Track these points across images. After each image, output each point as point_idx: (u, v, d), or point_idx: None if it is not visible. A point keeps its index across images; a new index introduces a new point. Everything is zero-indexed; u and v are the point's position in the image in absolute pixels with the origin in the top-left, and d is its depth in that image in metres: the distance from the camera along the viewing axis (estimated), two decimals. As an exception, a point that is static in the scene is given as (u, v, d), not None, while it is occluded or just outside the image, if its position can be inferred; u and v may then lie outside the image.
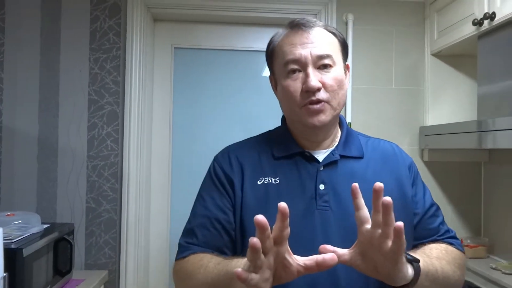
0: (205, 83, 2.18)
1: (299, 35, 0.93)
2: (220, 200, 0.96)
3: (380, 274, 0.73)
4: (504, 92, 1.58)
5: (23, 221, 1.52)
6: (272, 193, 0.93)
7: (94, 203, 1.93)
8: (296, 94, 0.92)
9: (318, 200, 0.91)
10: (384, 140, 1.08)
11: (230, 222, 0.94)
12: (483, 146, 1.55)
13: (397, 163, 1.01)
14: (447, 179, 2.13)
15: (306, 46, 0.92)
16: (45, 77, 1.94)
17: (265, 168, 0.97)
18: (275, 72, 1.00)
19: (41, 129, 1.93)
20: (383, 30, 2.12)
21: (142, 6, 2.00)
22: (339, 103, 0.94)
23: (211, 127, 2.16)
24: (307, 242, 0.85)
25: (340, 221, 0.89)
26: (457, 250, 1.00)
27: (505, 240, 1.96)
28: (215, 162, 1.03)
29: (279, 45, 0.97)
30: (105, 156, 1.95)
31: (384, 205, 0.68)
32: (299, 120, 0.95)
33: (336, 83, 0.92)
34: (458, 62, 2.07)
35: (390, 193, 0.92)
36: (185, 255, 0.93)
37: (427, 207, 1.01)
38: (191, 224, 0.98)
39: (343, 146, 0.99)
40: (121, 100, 1.96)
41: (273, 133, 1.07)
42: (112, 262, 1.93)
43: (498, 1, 1.56)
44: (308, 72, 0.91)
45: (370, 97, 2.11)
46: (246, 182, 0.96)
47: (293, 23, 0.96)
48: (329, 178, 0.94)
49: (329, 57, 0.92)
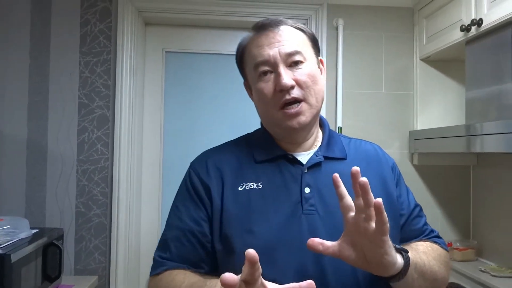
0: (196, 87, 2.18)
1: (264, 36, 0.91)
2: (194, 211, 0.92)
3: (370, 264, 0.72)
4: (491, 96, 1.60)
5: (12, 226, 1.50)
6: (255, 199, 0.89)
7: (84, 207, 1.92)
8: (270, 95, 0.89)
9: (304, 204, 0.88)
10: (365, 141, 1.06)
11: (205, 235, 0.90)
12: (472, 150, 1.58)
13: (380, 164, 1.00)
14: (436, 183, 2.15)
15: (274, 46, 0.89)
16: (34, 80, 1.92)
17: (246, 173, 0.93)
18: (247, 77, 0.98)
19: (30, 133, 1.91)
20: (373, 36, 2.14)
21: (133, 10, 2.00)
22: (317, 100, 0.92)
23: (203, 131, 2.16)
24: (295, 248, 0.82)
25: (328, 224, 0.86)
26: (442, 249, 0.99)
27: (494, 242, 1.98)
28: (191, 169, 0.98)
29: (247, 50, 0.95)
30: (95, 160, 1.93)
31: (361, 185, 0.67)
32: (277, 123, 0.92)
33: (309, 78, 0.90)
34: (446, 67, 2.10)
35: (376, 194, 0.91)
36: (159, 271, 0.89)
37: (412, 208, 1.00)
38: (165, 236, 0.94)
39: (326, 147, 0.97)
40: (111, 104, 1.95)
41: (253, 136, 1.03)
42: (102, 267, 1.91)
43: (485, 7, 1.59)
44: (279, 71, 0.88)
45: (360, 101, 2.12)
46: (226, 189, 0.91)
47: (258, 25, 0.94)
48: (314, 180, 0.91)
49: (299, 53, 0.90)
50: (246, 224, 0.86)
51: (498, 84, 1.57)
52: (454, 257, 2.01)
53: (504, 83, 1.54)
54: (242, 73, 1.01)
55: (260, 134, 1.01)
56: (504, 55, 1.54)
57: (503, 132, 1.40)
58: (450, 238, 2.11)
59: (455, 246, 2.02)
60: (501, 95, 1.55)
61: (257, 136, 1.02)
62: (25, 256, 1.39)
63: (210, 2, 2.03)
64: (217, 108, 2.18)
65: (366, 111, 2.13)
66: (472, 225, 2.15)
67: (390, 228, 0.90)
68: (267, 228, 0.84)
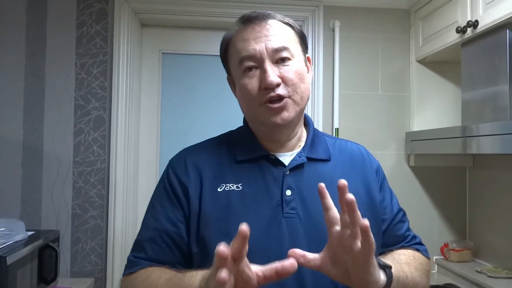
0: (193, 88, 2.17)
1: (251, 29, 0.87)
2: (171, 212, 0.88)
3: (352, 280, 0.69)
4: (487, 98, 1.61)
5: (7, 229, 1.49)
6: (235, 201, 0.86)
7: (80, 209, 1.91)
8: (254, 92, 0.85)
9: (284, 207, 0.85)
10: (351, 141, 1.03)
11: (182, 237, 0.87)
12: (468, 151, 1.58)
13: (364, 166, 0.97)
14: (433, 184, 2.16)
15: (260, 40, 0.85)
16: (30, 82, 1.91)
17: (226, 173, 0.89)
18: (231, 72, 0.94)
19: (26, 134, 1.90)
20: (369, 37, 2.15)
21: (129, 11, 2.00)
22: (302, 98, 0.88)
23: (199, 132, 2.16)
24: (274, 253, 0.76)
25: (309, 229, 0.84)
26: (423, 257, 0.97)
27: (490, 243, 1.99)
28: (170, 168, 0.94)
29: (232, 43, 0.90)
30: (91, 162, 1.93)
31: (347, 202, 0.64)
32: (260, 120, 0.89)
33: (296, 76, 0.86)
34: (442, 69, 2.11)
35: (358, 198, 0.88)
36: (133, 270, 0.86)
37: (394, 213, 0.97)
38: (140, 237, 0.90)
39: (309, 148, 0.93)
40: (108, 105, 1.95)
41: (234, 134, 0.99)
42: (99, 269, 1.90)
43: (480, 9, 1.59)
44: (265, 67, 0.84)
45: (357, 103, 2.13)
46: (205, 190, 0.88)
47: (244, 18, 0.89)
48: (296, 183, 0.88)
49: (286, 50, 0.86)
50: (224, 227, 0.83)
51: (494, 85, 1.58)
52: (451, 258, 2.01)
53: (500, 84, 1.54)
54: (226, 68, 0.97)
55: (242, 132, 0.97)
56: (500, 57, 1.55)
57: (498, 134, 1.40)
58: (446, 239, 2.12)
59: (451, 247, 2.03)
60: (497, 96, 1.56)
61: (239, 134, 0.97)
62: (20, 259, 1.39)
63: (207, 4, 2.03)
64: (214, 109, 2.17)
65: (362, 112, 2.13)
66: (468, 226, 2.15)
67: (372, 233, 0.89)
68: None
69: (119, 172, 1.94)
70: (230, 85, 0.98)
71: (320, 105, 2.09)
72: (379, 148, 2.13)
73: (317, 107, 2.09)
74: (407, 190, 2.12)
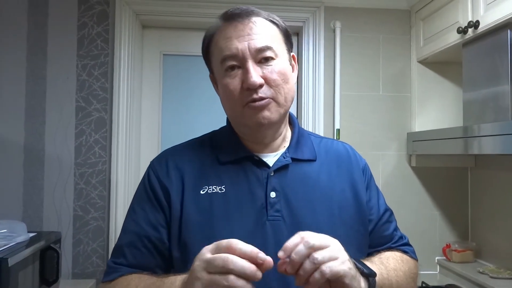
0: (194, 90, 2.18)
1: (233, 27, 0.83)
2: (152, 215, 0.86)
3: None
4: (488, 98, 1.61)
5: (9, 230, 1.49)
6: (218, 204, 0.83)
7: (82, 211, 1.91)
8: (236, 92, 0.82)
9: (269, 209, 0.83)
10: (337, 140, 1.01)
11: (163, 242, 0.84)
12: (469, 151, 1.58)
13: (351, 166, 0.94)
14: (435, 184, 2.15)
15: (243, 39, 0.82)
16: (31, 84, 1.92)
17: (209, 175, 0.87)
18: (213, 70, 0.91)
19: (27, 136, 1.90)
20: (370, 38, 2.15)
21: (130, 12, 2.00)
22: (286, 99, 0.85)
23: (201, 133, 2.14)
24: None
25: (293, 232, 0.78)
26: (411, 259, 0.95)
27: (492, 244, 1.98)
28: (151, 169, 0.91)
29: (214, 41, 0.86)
30: (93, 163, 1.93)
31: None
32: (242, 120, 0.86)
33: (280, 76, 0.83)
34: (444, 69, 2.11)
35: (344, 200, 0.88)
36: (112, 277, 0.84)
37: (381, 213, 0.95)
38: (121, 241, 0.88)
39: (294, 148, 0.90)
40: (109, 107, 1.95)
41: (218, 134, 0.96)
42: (100, 271, 1.90)
43: (481, 9, 1.59)
44: (247, 67, 0.81)
45: (358, 103, 2.13)
46: (187, 192, 0.85)
47: (227, 14, 0.85)
48: (280, 184, 0.85)
49: (270, 49, 0.82)
50: (207, 231, 0.81)
51: (495, 86, 1.57)
52: (453, 258, 2.01)
53: (501, 85, 1.54)
54: (208, 65, 0.93)
55: (225, 133, 0.94)
56: (501, 57, 1.54)
57: (500, 134, 1.40)
58: (448, 239, 2.11)
59: (453, 247, 2.02)
60: (498, 96, 1.55)
61: (222, 134, 0.95)
62: (22, 260, 1.39)
63: (207, 5, 2.03)
64: (215, 110, 2.17)
65: (363, 113, 2.13)
66: (470, 227, 2.15)
67: (359, 235, 0.88)
68: (229, 236, 0.78)
69: (121, 174, 1.94)
70: (212, 83, 0.96)
71: (321, 106, 2.08)
72: (380, 148, 2.12)
73: (318, 108, 2.09)
74: (408, 191, 2.12)
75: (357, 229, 0.88)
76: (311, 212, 0.84)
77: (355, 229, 0.88)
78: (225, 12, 0.86)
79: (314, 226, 0.81)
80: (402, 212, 1.93)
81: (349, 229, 0.86)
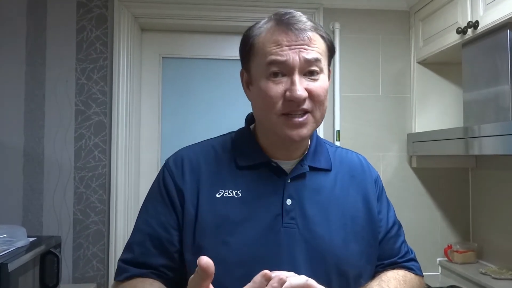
0: (193, 93, 2.17)
1: (285, 34, 0.81)
2: (164, 216, 0.85)
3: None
4: (489, 98, 1.60)
5: (9, 235, 1.49)
6: (233, 208, 0.82)
7: (82, 215, 1.90)
8: (277, 100, 0.80)
9: (284, 216, 0.82)
10: (351, 151, 1.01)
11: (173, 244, 0.84)
12: (470, 152, 1.57)
13: (364, 177, 0.94)
14: (436, 185, 2.14)
15: (295, 48, 0.80)
16: (30, 88, 1.91)
17: (225, 178, 0.86)
18: (251, 69, 0.86)
19: (27, 140, 1.90)
20: (370, 39, 2.14)
21: (129, 16, 2.00)
22: (322, 115, 0.85)
23: (200, 137, 2.14)
24: (272, 265, 0.71)
25: (306, 240, 0.81)
26: (416, 277, 0.94)
27: (494, 244, 1.98)
28: (166, 169, 0.89)
29: (261, 41, 0.83)
30: (92, 167, 1.92)
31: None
32: (274, 129, 0.83)
33: (323, 92, 0.83)
34: (443, 70, 2.10)
35: (357, 212, 0.88)
36: (121, 278, 0.84)
37: (390, 225, 0.95)
38: (132, 238, 0.88)
39: (312, 157, 0.90)
40: (108, 110, 1.95)
41: (236, 136, 0.94)
42: (101, 275, 1.90)
43: (481, 10, 1.59)
44: (294, 79, 0.79)
45: (358, 104, 2.12)
46: (202, 195, 0.84)
47: (279, 19, 0.83)
48: (297, 192, 0.85)
49: (318, 63, 0.81)
50: (221, 235, 0.81)
51: (495, 86, 1.57)
52: (454, 259, 2.00)
53: (501, 85, 1.54)
54: (244, 61, 0.88)
55: (245, 136, 0.92)
56: (501, 57, 1.54)
57: (501, 134, 1.40)
58: (450, 240, 2.10)
59: (455, 248, 2.01)
60: (498, 97, 1.55)
61: (241, 137, 0.93)
62: (22, 265, 1.38)
63: (206, 8, 2.03)
64: (215, 113, 2.17)
65: (363, 114, 2.12)
66: (472, 227, 2.14)
67: (370, 246, 0.87)
68: (243, 241, 0.78)
69: (120, 177, 1.94)
70: (241, 77, 0.92)
71: (321, 108, 2.08)
72: (380, 150, 2.12)
73: (318, 110, 2.08)
74: (409, 192, 2.11)
75: (368, 241, 0.88)
76: (325, 221, 0.84)
77: (366, 241, 0.87)
78: (277, 14, 0.85)
79: (327, 236, 0.82)
80: (403, 214, 1.92)
81: (360, 240, 0.86)
